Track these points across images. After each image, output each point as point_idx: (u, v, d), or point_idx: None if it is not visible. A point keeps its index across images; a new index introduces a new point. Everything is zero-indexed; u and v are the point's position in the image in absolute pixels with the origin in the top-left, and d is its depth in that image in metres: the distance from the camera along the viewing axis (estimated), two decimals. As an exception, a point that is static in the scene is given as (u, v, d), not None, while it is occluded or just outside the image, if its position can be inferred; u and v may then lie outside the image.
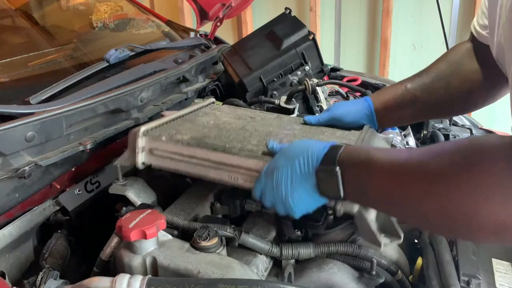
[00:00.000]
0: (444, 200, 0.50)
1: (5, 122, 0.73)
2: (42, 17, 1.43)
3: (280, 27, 1.39)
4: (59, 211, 0.89)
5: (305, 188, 0.65)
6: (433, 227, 0.59)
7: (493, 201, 0.46)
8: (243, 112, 1.06)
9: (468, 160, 0.50)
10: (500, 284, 0.71)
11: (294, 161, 0.66)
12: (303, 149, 0.66)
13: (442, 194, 0.50)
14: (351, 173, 0.61)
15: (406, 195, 0.55)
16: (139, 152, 0.82)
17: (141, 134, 0.82)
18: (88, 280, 0.61)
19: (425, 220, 0.56)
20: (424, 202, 0.53)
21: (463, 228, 0.51)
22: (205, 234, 0.71)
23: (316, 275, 0.76)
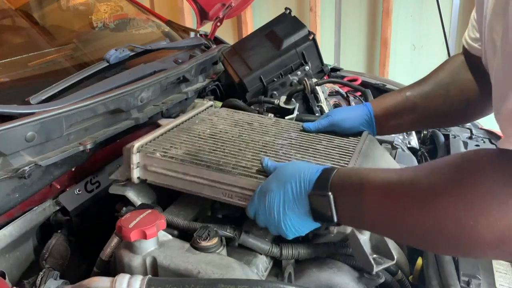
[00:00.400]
0: (440, 217, 0.50)
1: (5, 122, 0.73)
2: (42, 17, 1.43)
3: (280, 27, 1.39)
4: (59, 211, 0.89)
5: (298, 213, 0.66)
6: (431, 246, 0.58)
7: (489, 214, 0.45)
8: (240, 117, 1.06)
9: (460, 174, 0.50)
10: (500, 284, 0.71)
11: (287, 185, 0.66)
12: (296, 173, 0.66)
13: (437, 210, 0.50)
14: (343, 197, 0.61)
15: (400, 215, 0.55)
16: (134, 168, 0.83)
17: (135, 150, 0.83)
18: (88, 280, 0.61)
19: (423, 240, 0.55)
20: (420, 220, 0.52)
21: (462, 244, 0.51)
22: (205, 234, 0.71)
23: (316, 275, 0.76)
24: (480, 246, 0.49)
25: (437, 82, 0.93)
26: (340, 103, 1.40)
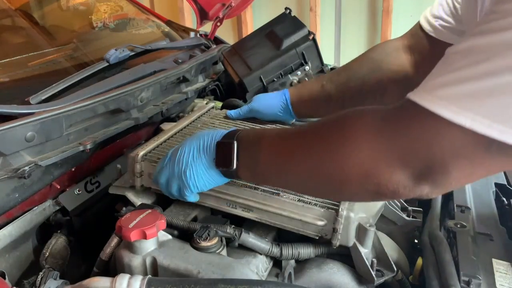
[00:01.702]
0: (318, 158, 0.56)
1: (5, 122, 0.72)
2: (42, 17, 1.43)
3: (280, 27, 1.39)
4: (59, 211, 0.89)
5: (204, 162, 0.71)
6: (313, 190, 0.65)
7: (359, 154, 0.51)
8: (242, 122, 1.06)
9: (341, 120, 0.56)
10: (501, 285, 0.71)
11: (200, 139, 0.72)
12: (208, 132, 0.73)
13: (316, 152, 0.56)
14: (245, 148, 0.67)
15: (287, 161, 0.61)
16: (138, 176, 0.84)
17: (139, 159, 0.84)
18: (88, 280, 0.61)
19: (305, 183, 0.61)
20: (302, 164, 0.58)
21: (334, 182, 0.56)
22: (205, 234, 0.71)
23: (316, 275, 0.76)
24: (348, 182, 0.54)
25: (354, 74, 0.99)
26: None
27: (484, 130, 0.42)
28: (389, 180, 0.50)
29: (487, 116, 0.42)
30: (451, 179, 0.48)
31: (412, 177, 0.49)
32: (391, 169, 0.50)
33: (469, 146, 0.45)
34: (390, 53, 0.96)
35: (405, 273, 0.83)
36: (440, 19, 0.85)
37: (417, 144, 0.48)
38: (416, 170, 0.49)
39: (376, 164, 0.50)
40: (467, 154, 0.45)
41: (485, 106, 0.42)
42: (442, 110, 0.44)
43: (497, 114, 0.42)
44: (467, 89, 0.43)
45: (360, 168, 0.51)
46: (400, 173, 0.49)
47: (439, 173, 0.47)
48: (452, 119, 0.43)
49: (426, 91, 0.47)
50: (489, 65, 0.42)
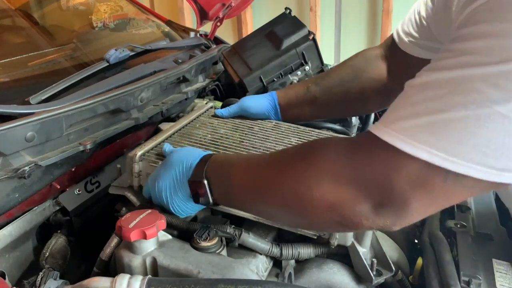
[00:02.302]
0: (285, 189, 0.57)
1: (5, 122, 0.72)
2: (42, 17, 1.43)
3: (280, 27, 1.39)
4: (59, 211, 0.89)
5: (181, 197, 0.72)
6: (280, 219, 0.67)
7: (324, 185, 0.52)
8: (240, 120, 1.06)
9: (308, 151, 0.57)
10: (501, 285, 0.71)
11: (172, 172, 0.73)
12: (181, 160, 0.73)
13: (283, 183, 0.57)
14: (217, 182, 0.68)
15: (257, 194, 0.62)
16: (136, 176, 0.84)
17: (137, 159, 0.83)
18: (88, 280, 0.61)
19: (276, 213, 0.63)
20: (271, 196, 0.59)
21: (302, 215, 0.57)
22: (205, 234, 0.71)
23: (316, 275, 0.76)
24: (316, 218, 0.55)
25: (339, 79, 1.01)
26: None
27: (440, 162, 0.44)
28: (353, 212, 0.51)
29: (443, 149, 0.44)
30: (411, 210, 0.49)
31: (374, 209, 0.50)
32: (354, 201, 0.51)
33: (427, 178, 0.46)
34: (370, 62, 0.99)
35: (405, 273, 0.83)
36: (410, 35, 0.89)
37: (377, 176, 0.49)
38: (377, 202, 0.50)
39: (339, 196, 0.51)
40: (426, 185, 0.47)
41: (440, 140, 0.44)
42: (399, 143, 0.46)
43: (451, 148, 0.44)
44: (423, 123, 0.46)
45: (325, 199, 0.52)
46: (363, 205, 0.50)
47: (399, 204, 0.49)
48: (410, 152, 0.46)
49: (385, 125, 0.49)
50: (443, 101, 0.45)
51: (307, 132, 0.98)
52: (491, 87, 0.42)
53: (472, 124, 0.43)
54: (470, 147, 0.43)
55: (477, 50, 0.44)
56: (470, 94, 0.43)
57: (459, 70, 0.44)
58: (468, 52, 0.44)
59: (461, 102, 0.43)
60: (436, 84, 0.47)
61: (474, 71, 0.43)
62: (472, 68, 0.43)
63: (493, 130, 0.42)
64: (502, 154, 0.43)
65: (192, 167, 0.71)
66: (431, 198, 0.48)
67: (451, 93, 0.44)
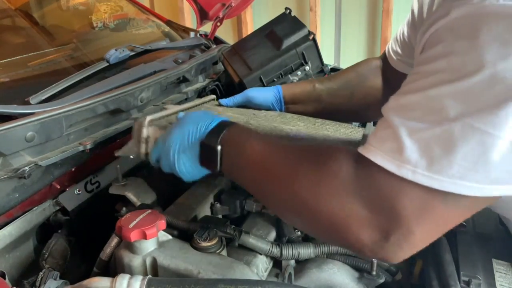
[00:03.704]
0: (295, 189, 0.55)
1: (5, 122, 0.73)
2: (42, 17, 1.43)
3: (280, 27, 1.39)
4: (59, 211, 0.89)
5: (189, 157, 0.70)
6: (281, 215, 0.65)
7: (332, 203, 0.51)
8: (245, 109, 1.05)
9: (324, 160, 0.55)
10: (501, 285, 0.71)
11: (185, 130, 0.70)
12: (197, 120, 0.70)
13: (294, 183, 0.56)
14: (229, 152, 0.66)
15: (265, 181, 0.61)
16: (143, 142, 0.80)
17: (146, 123, 0.79)
18: (88, 280, 0.61)
19: (273, 203, 0.62)
20: (278, 187, 0.58)
21: (303, 218, 0.57)
22: (205, 234, 0.71)
23: (316, 275, 0.76)
24: (315, 224, 0.55)
25: (345, 82, 1.03)
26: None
27: (438, 185, 0.45)
28: (356, 239, 0.50)
29: (439, 172, 0.44)
30: (416, 240, 0.49)
31: (379, 240, 0.49)
32: (360, 229, 0.50)
33: (428, 202, 0.46)
34: (372, 71, 1.02)
35: (405, 273, 0.83)
36: (396, 53, 0.91)
37: (383, 203, 0.48)
38: (384, 231, 0.49)
39: (346, 220, 0.50)
40: (427, 211, 0.47)
41: (435, 162, 0.45)
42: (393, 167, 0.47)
43: (448, 169, 0.44)
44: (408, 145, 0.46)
45: (332, 218, 0.51)
46: (369, 235, 0.49)
47: (404, 234, 0.48)
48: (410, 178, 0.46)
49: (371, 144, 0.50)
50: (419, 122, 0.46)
51: (311, 120, 0.96)
52: (459, 102, 0.43)
53: (449, 141, 0.43)
54: (452, 163, 0.44)
55: (441, 69, 0.45)
56: (441, 112, 0.44)
57: (428, 90, 0.46)
58: (434, 72, 0.46)
59: (436, 121, 0.44)
60: (409, 105, 0.48)
61: (442, 90, 0.45)
62: (439, 87, 0.45)
63: (467, 144, 0.43)
64: (486, 166, 0.43)
65: (207, 130, 0.68)
66: (434, 223, 0.48)
67: (424, 113, 0.46)
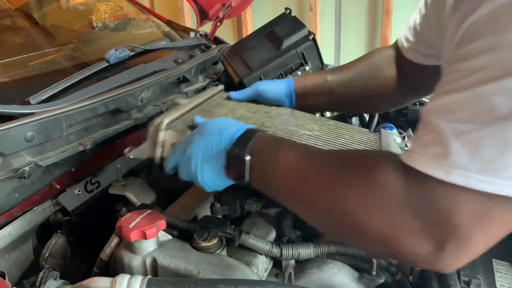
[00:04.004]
0: (338, 202, 0.52)
1: (5, 122, 0.73)
2: (42, 17, 1.43)
3: (280, 27, 1.39)
4: (59, 211, 0.89)
5: (213, 168, 0.66)
6: (322, 228, 0.62)
7: (382, 217, 0.49)
8: (255, 105, 1.02)
9: (369, 170, 0.51)
10: (501, 285, 0.71)
11: (208, 139, 0.67)
12: (220, 129, 0.67)
13: (338, 196, 0.53)
14: (259, 162, 0.62)
15: (304, 192, 0.57)
16: (160, 146, 0.78)
17: (163, 127, 0.77)
18: (88, 280, 0.61)
19: (315, 220, 0.59)
20: (318, 199, 0.55)
21: (347, 234, 0.54)
22: (205, 235, 0.71)
23: (316, 275, 0.76)
24: (362, 237, 0.52)
25: (357, 73, 0.99)
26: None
27: (494, 188, 0.41)
28: (410, 252, 0.48)
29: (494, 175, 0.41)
30: (475, 247, 0.46)
31: (434, 252, 0.47)
32: (413, 242, 0.47)
33: (484, 208, 0.43)
34: (385, 61, 0.98)
35: (405, 273, 0.83)
36: (408, 41, 0.88)
37: (438, 213, 0.45)
38: (439, 243, 0.46)
39: (398, 234, 0.48)
40: (484, 217, 0.44)
41: (489, 164, 0.41)
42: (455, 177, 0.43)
43: (503, 171, 0.41)
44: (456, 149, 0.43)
45: (381, 232, 0.49)
46: (423, 247, 0.47)
47: (462, 243, 0.45)
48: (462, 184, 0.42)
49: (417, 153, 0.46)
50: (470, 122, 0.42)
51: (324, 121, 0.96)
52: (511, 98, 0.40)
53: (502, 141, 0.40)
54: (507, 164, 0.40)
55: (488, 64, 0.42)
56: (492, 111, 0.41)
57: (475, 89, 0.42)
58: (480, 69, 0.42)
59: (486, 120, 0.41)
60: (454, 106, 0.44)
61: (491, 87, 0.41)
62: (488, 84, 0.41)
63: None
64: None
65: (233, 138, 0.65)
66: (494, 230, 0.45)
67: (472, 113, 0.42)
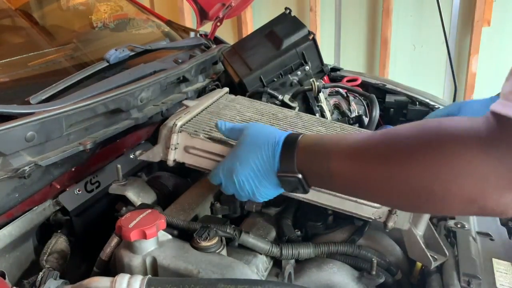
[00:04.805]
0: (409, 182, 0.50)
1: (5, 122, 0.72)
2: (42, 17, 1.43)
3: (280, 27, 1.39)
4: (59, 211, 0.89)
5: (269, 188, 0.66)
6: (400, 206, 0.60)
7: (461, 181, 0.47)
8: (262, 107, 1.02)
9: (435, 142, 0.49)
10: (501, 284, 0.70)
11: (251, 162, 0.65)
12: (257, 145, 0.65)
13: (408, 177, 0.50)
14: (313, 173, 0.61)
15: (371, 178, 0.55)
16: (173, 149, 0.78)
17: (177, 129, 0.77)
18: (88, 280, 0.61)
19: (394, 203, 0.57)
20: (392, 183, 0.52)
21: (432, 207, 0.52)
22: (205, 234, 0.71)
23: (316, 275, 0.76)
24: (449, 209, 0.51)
25: None
26: (340, 103, 1.40)
27: None
28: (497, 203, 0.47)
29: None
30: None
31: None
32: (498, 193, 0.46)
33: None
34: None
35: (405, 273, 0.83)
36: None
37: None
38: None
39: (481, 190, 0.47)
40: None
41: None
42: None
43: None
44: None
45: (464, 194, 0.48)
46: (509, 195, 0.46)
47: None
48: None
49: None
50: None
51: (329, 123, 0.95)
52: None
53: None
54: None
55: None
56: None
57: None
58: None
59: None
60: None
61: None
62: None
63: None
64: None
65: (276, 156, 0.63)
66: None
67: None
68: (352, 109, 1.38)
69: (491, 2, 2.85)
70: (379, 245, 0.83)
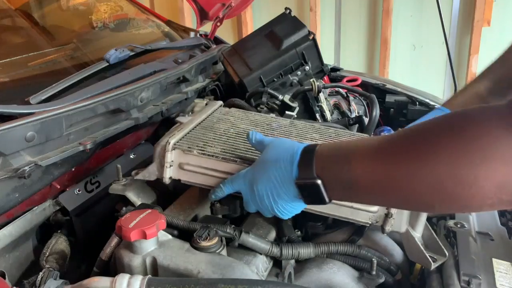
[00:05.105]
0: (437, 175, 0.49)
1: (5, 122, 0.72)
2: (42, 17, 1.43)
3: (280, 27, 1.39)
4: (59, 211, 0.89)
5: (287, 200, 0.65)
6: (427, 207, 0.58)
7: (489, 167, 0.46)
8: (256, 118, 1.03)
9: (458, 128, 0.48)
10: (501, 284, 0.71)
11: (269, 173, 0.65)
12: (275, 157, 0.65)
13: (436, 168, 0.49)
14: (333, 180, 0.59)
15: (395, 179, 0.53)
16: (167, 166, 0.79)
17: (170, 148, 0.78)
18: (88, 280, 0.61)
19: (419, 201, 0.54)
20: (415, 181, 0.51)
21: (461, 199, 0.50)
22: (205, 234, 0.71)
23: (316, 275, 0.76)
24: (480, 198, 0.48)
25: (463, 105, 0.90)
26: (340, 103, 1.40)
27: None
28: None
29: None
30: None
31: None
32: None
33: None
34: None
35: (405, 273, 0.83)
36: None
37: None
38: None
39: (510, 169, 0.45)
40: None
41: None
42: None
43: None
44: None
45: (493, 180, 0.46)
46: None
47: None
48: None
49: None
50: None
51: (324, 129, 0.96)
52: None
53: None
54: None
55: None
56: None
57: None
58: None
59: None
60: None
61: None
62: None
63: None
64: None
65: (294, 164, 0.62)
66: None
67: None
68: (352, 109, 1.38)
69: (491, 2, 2.85)
70: (379, 245, 0.83)
